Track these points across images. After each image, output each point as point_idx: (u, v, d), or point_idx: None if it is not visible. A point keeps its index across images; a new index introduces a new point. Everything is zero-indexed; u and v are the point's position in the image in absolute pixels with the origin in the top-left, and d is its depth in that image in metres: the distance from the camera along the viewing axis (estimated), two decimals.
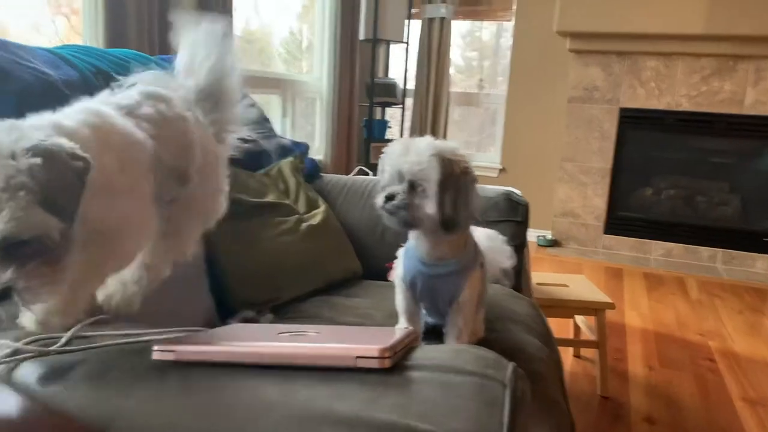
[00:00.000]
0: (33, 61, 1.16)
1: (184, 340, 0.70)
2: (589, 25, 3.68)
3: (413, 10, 4.12)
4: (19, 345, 0.71)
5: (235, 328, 0.83)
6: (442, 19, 4.06)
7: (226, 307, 1.36)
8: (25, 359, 0.70)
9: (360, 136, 4.21)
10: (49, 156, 0.62)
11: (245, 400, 0.61)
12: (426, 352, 0.69)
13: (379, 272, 1.66)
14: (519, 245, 1.63)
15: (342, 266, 1.61)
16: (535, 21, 4.05)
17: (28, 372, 0.68)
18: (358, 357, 0.64)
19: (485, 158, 4.45)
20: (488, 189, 1.75)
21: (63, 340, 0.78)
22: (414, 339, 0.75)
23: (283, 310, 1.39)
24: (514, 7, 4.14)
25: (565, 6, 3.68)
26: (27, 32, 2.11)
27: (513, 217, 1.65)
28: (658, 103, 3.75)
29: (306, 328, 0.77)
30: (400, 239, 1.69)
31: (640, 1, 3.52)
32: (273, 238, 1.48)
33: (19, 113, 0.71)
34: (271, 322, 1.31)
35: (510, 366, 0.67)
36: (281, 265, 1.45)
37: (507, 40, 4.38)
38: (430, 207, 1.03)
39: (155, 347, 0.68)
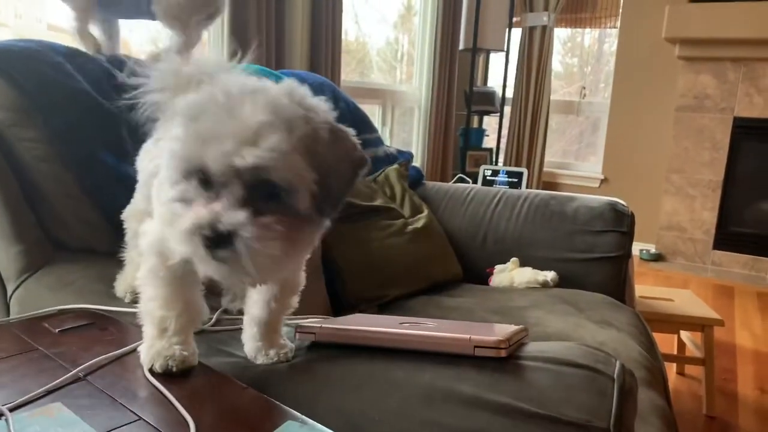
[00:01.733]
0: None
1: (322, 324, 0.80)
2: (701, 31, 3.53)
3: (514, 19, 4.12)
4: None
5: (360, 316, 0.92)
6: (544, 27, 4.03)
7: (339, 303, 1.47)
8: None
9: (456, 144, 4.26)
10: (339, 133, 0.62)
11: (377, 378, 0.69)
12: (538, 346, 0.75)
13: (480, 276, 1.72)
14: (623, 256, 1.63)
15: (444, 269, 1.68)
16: (641, 27, 3.93)
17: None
18: (476, 346, 0.70)
19: (585, 168, 4.36)
20: (592, 199, 1.76)
21: (213, 319, 0.91)
22: (526, 335, 0.80)
23: (389, 307, 1.47)
24: (619, 13, 4.05)
25: (675, 12, 3.56)
26: (145, 45, 2.28)
27: (618, 227, 1.65)
28: None
29: (424, 320, 0.85)
30: (501, 246, 1.75)
31: (757, 4, 3.34)
32: (381, 240, 1.57)
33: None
34: None
35: (618, 362, 0.71)
36: (389, 265, 1.54)
37: (610, 46, 4.28)
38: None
39: (297, 329, 0.78)
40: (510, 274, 1.64)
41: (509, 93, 4.24)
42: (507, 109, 4.27)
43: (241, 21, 2.29)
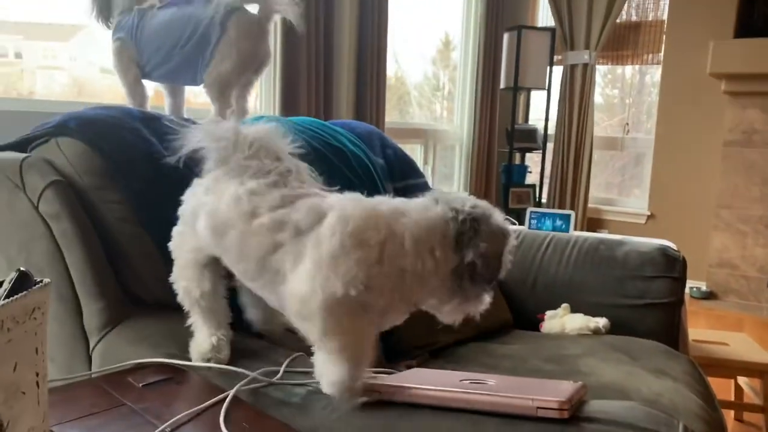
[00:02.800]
0: None
1: (384, 381, 0.83)
2: (746, 66, 3.50)
3: (556, 57, 4.16)
4: (255, 375, 0.88)
5: (421, 372, 0.95)
6: (585, 65, 4.06)
7: (390, 349, 1.49)
8: (260, 387, 0.87)
9: (498, 181, 4.29)
10: (485, 219, 0.83)
11: None
12: (599, 406, 0.76)
13: (530, 322, 1.72)
14: (675, 302, 1.62)
15: (494, 315, 1.69)
16: (685, 63, 3.92)
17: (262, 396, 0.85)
18: (539, 408, 0.72)
19: (630, 203, 4.32)
20: (642, 243, 1.76)
21: (280, 373, 0.95)
22: (585, 393, 0.82)
23: (441, 354, 1.49)
24: (662, 49, 4.04)
25: (719, 48, 3.54)
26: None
27: (669, 273, 1.64)
28: None
29: (483, 376, 0.87)
30: (551, 291, 1.76)
31: None
32: None
33: None
34: (432, 366, 1.42)
35: (681, 425, 0.72)
36: None
37: (652, 77, 4.26)
38: None
39: (363, 386, 0.82)
40: (561, 321, 1.64)
41: (551, 129, 4.26)
42: (549, 146, 4.28)
43: (291, 71, 2.40)
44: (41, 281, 0.70)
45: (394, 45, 3.64)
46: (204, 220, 0.92)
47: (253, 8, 1.33)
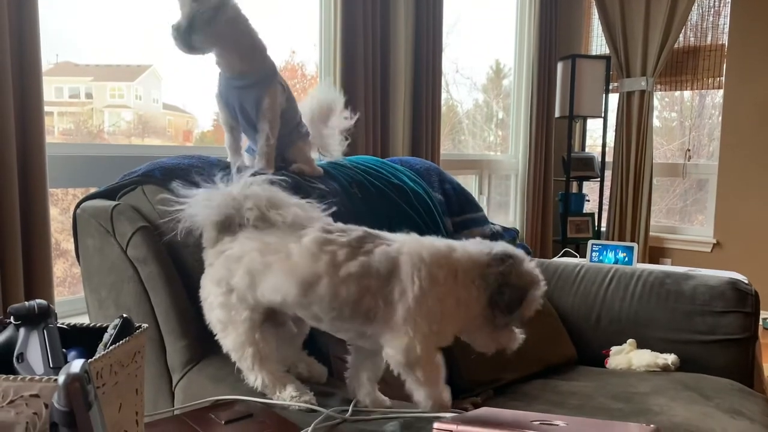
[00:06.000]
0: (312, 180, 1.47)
1: (459, 424, 0.85)
2: None
3: (612, 85, 4.13)
4: (329, 412, 0.92)
5: (492, 411, 0.97)
6: (642, 91, 4.00)
7: (454, 385, 1.50)
8: (334, 424, 0.91)
9: (555, 210, 4.24)
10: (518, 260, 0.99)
11: None
12: None
13: (595, 358, 1.70)
14: (749, 338, 1.57)
15: (558, 351, 1.68)
16: (748, 88, 3.81)
17: None
18: None
19: (694, 231, 4.18)
20: (710, 276, 1.71)
21: (350, 409, 0.99)
22: None
23: (505, 392, 1.49)
24: (723, 74, 3.94)
25: None
26: None
27: (741, 308, 1.59)
28: None
29: (552, 417, 0.88)
30: (616, 326, 1.73)
31: None
32: None
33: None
34: (497, 404, 1.42)
35: None
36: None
37: (713, 99, 4.15)
38: None
39: (436, 426, 0.84)
40: (627, 356, 1.62)
41: (609, 157, 4.20)
42: (607, 173, 4.21)
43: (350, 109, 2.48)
44: (140, 326, 0.76)
45: (446, 75, 3.70)
46: (280, 277, 0.97)
47: None
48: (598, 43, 4.39)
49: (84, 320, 1.68)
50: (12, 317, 0.68)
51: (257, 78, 1.33)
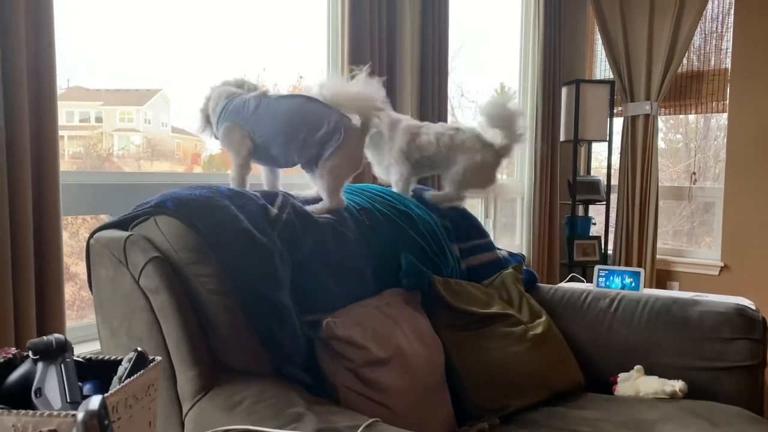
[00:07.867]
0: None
1: None
2: None
3: (616, 108, 4.16)
4: None
5: None
6: (647, 115, 4.03)
7: (461, 412, 1.50)
8: None
9: (562, 233, 4.24)
10: None
11: None
12: None
13: (602, 384, 1.70)
14: (758, 365, 1.56)
15: (566, 377, 1.68)
16: (753, 111, 3.83)
17: None
18: None
19: (701, 254, 4.16)
20: (717, 303, 1.71)
21: None
22: None
23: (513, 420, 1.49)
24: (727, 97, 3.97)
25: None
26: None
27: (749, 334, 1.59)
28: None
29: None
30: (623, 352, 1.73)
31: None
32: (502, 348, 1.62)
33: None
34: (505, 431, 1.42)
35: None
36: (510, 375, 1.57)
37: (718, 121, 4.16)
38: None
39: None
40: (635, 383, 1.61)
41: (614, 180, 4.21)
42: (613, 197, 4.22)
43: None
44: (154, 359, 0.77)
45: (451, 100, 3.74)
46: None
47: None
48: (602, 68, 4.44)
49: (95, 347, 1.69)
50: (31, 352, 0.70)
51: None
